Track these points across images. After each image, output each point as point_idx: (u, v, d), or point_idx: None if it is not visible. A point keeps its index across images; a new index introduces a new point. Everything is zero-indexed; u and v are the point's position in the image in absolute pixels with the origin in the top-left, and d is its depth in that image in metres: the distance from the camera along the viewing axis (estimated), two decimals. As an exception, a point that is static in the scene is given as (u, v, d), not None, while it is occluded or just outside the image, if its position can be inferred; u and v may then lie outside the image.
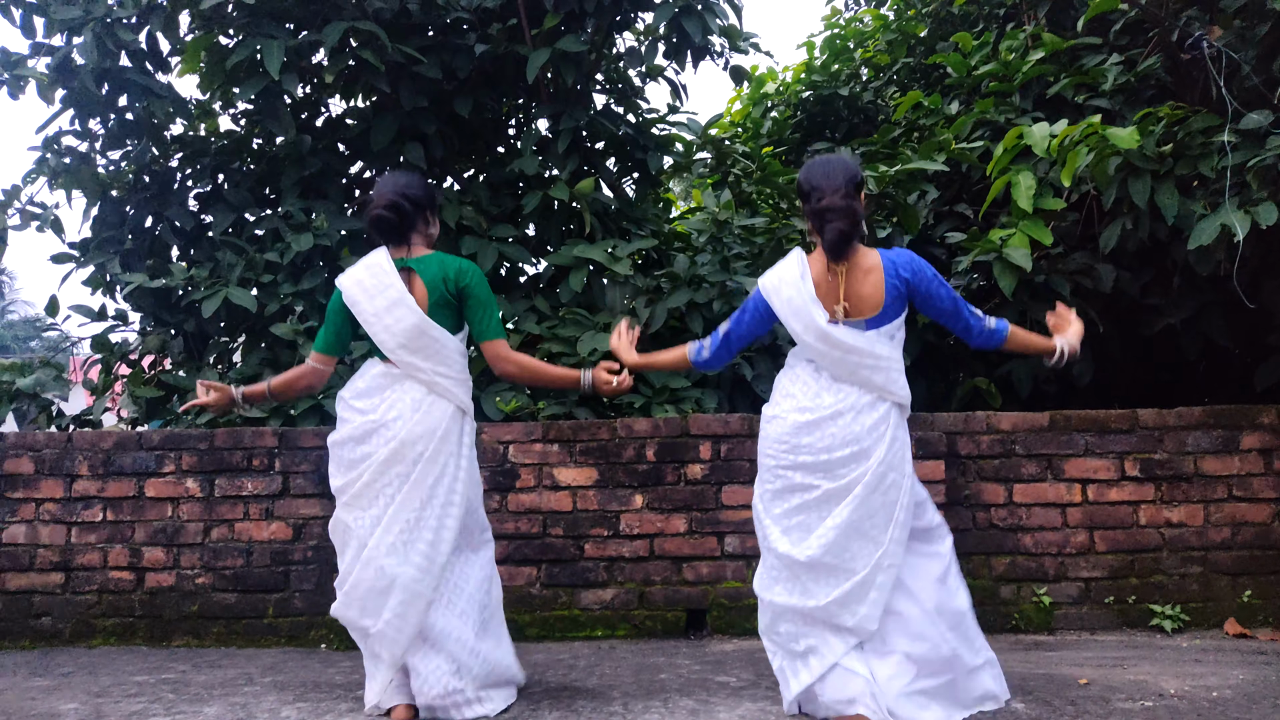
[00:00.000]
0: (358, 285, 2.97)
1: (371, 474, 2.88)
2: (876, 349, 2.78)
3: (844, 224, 2.73)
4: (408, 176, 3.11)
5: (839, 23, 7.50)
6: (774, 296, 2.87)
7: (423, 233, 3.10)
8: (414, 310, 2.92)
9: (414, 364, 2.93)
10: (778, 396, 2.93)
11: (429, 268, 3.00)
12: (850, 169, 2.83)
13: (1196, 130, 4.12)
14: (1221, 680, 3.19)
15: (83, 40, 4.71)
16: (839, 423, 2.77)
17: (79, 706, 3.11)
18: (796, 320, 2.81)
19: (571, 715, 2.91)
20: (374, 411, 2.92)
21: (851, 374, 2.79)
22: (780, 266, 2.91)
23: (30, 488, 4.23)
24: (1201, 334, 4.66)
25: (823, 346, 2.79)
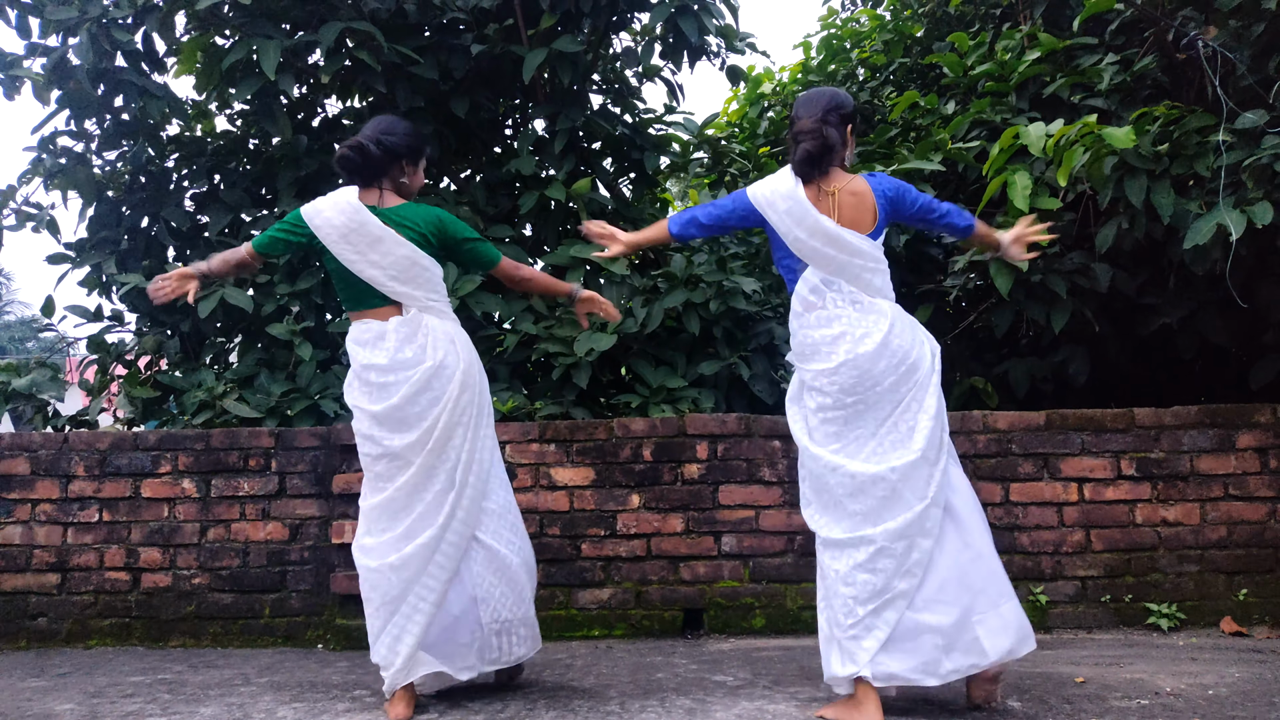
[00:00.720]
0: (329, 224, 2.96)
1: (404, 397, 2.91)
2: (876, 251, 2.87)
3: (810, 144, 2.85)
4: (392, 121, 3.10)
5: (835, 23, 7.50)
6: (769, 210, 2.89)
7: (395, 180, 3.08)
8: (401, 242, 2.94)
9: (409, 293, 2.97)
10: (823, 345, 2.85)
11: (407, 216, 3.01)
12: (834, 98, 2.95)
13: (1192, 130, 4.12)
14: (1217, 678, 3.20)
15: (78, 41, 4.71)
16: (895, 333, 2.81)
17: (75, 707, 3.10)
18: (800, 226, 2.84)
19: (568, 714, 2.91)
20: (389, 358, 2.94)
21: (855, 278, 2.84)
22: (772, 179, 2.94)
23: (26, 488, 4.22)
24: (1197, 333, 4.67)
25: (829, 250, 2.83)
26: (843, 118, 2.92)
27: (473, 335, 3.26)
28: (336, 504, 4.11)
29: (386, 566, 2.91)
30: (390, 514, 2.96)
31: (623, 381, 5.10)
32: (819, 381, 2.85)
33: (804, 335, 2.91)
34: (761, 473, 4.13)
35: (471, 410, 3.00)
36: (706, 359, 4.77)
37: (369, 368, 2.97)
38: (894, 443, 2.77)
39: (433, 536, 2.90)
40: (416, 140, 3.13)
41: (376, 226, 2.94)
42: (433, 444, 2.92)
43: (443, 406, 2.93)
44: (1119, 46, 4.97)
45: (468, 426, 2.98)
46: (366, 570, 2.96)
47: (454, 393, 2.95)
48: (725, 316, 4.80)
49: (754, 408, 4.79)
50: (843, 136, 2.92)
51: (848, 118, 2.94)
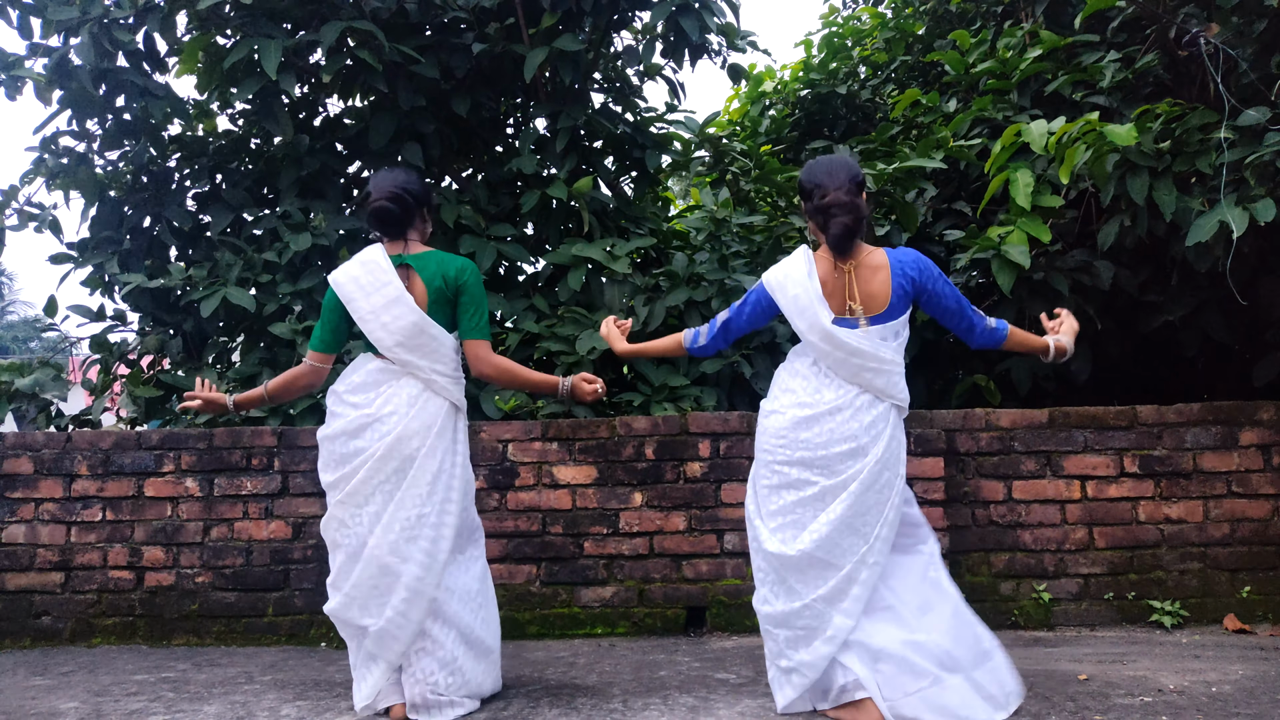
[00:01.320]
0: (353, 282, 2.96)
1: (367, 471, 2.88)
2: (880, 352, 2.79)
3: (848, 219, 2.77)
4: (406, 173, 3.12)
5: (837, 21, 7.50)
6: (779, 293, 2.88)
7: (420, 230, 3.11)
8: (413, 309, 2.92)
9: (411, 361, 2.93)
10: (776, 391, 2.94)
11: (428, 265, 3.00)
12: (853, 167, 2.87)
13: (1194, 127, 4.12)
14: (1220, 676, 3.19)
15: (80, 41, 4.71)
16: (837, 418, 2.79)
17: (79, 705, 3.11)
18: (801, 319, 2.83)
19: (571, 712, 2.91)
20: (369, 406, 2.91)
21: (854, 375, 2.80)
22: (787, 263, 2.92)
23: (30, 487, 4.23)
24: (1200, 330, 4.66)
25: (826, 346, 2.80)
26: (860, 186, 2.86)
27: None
28: (339, 503, 4.11)
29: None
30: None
31: (625, 380, 5.10)
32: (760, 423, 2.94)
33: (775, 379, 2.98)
34: (764, 471, 4.13)
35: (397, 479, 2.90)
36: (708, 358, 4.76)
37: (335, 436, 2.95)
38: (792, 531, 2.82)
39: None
40: (428, 187, 3.18)
41: (396, 288, 2.92)
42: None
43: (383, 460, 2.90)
44: (1121, 44, 4.96)
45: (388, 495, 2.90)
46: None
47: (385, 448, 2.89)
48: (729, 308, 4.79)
49: (756, 406, 4.76)
50: (865, 204, 2.88)
51: (863, 186, 2.90)
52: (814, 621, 2.76)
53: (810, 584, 2.77)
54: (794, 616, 2.79)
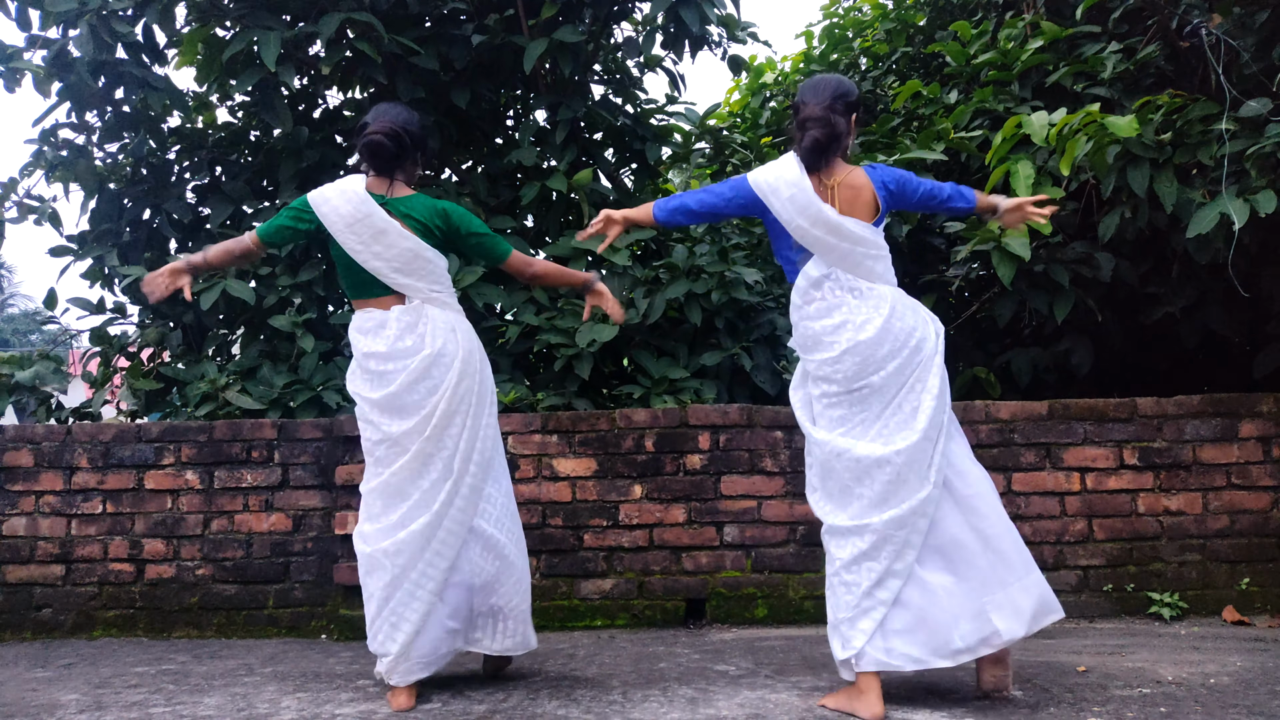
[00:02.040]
0: (335, 211, 2.96)
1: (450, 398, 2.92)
2: (878, 238, 2.85)
3: (819, 132, 2.81)
4: (408, 111, 3.12)
5: (837, 12, 7.47)
6: (772, 196, 2.84)
7: (409, 172, 3.12)
8: (404, 235, 2.95)
9: (410, 284, 2.98)
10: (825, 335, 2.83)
11: (414, 207, 3.02)
12: (839, 85, 2.91)
13: (1195, 118, 4.10)
14: (1219, 667, 3.20)
15: (79, 33, 4.70)
16: (895, 321, 2.79)
17: (80, 697, 3.11)
18: (803, 215, 2.80)
19: (571, 704, 2.92)
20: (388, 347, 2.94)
21: (857, 265, 2.82)
22: (775, 166, 2.90)
23: (30, 480, 4.23)
24: (1200, 322, 4.66)
25: (832, 239, 2.80)
26: (848, 106, 2.88)
27: (475, 326, 3.25)
28: (339, 495, 4.12)
29: (381, 552, 2.92)
30: (386, 499, 2.97)
31: (625, 372, 5.10)
32: (823, 370, 2.84)
33: (805, 326, 2.90)
34: (763, 463, 4.14)
35: (470, 399, 2.99)
36: (708, 350, 4.77)
37: (369, 355, 2.98)
38: (898, 424, 2.76)
39: (427, 524, 2.90)
40: (426, 132, 3.21)
41: (382, 219, 2.95)
42: (430, 431, 2.92)
43: (440, 394, 2.93)
44: (1122, 35, 4.94)
45: (466, 415, 2.97)
46: (363, 556, 2.98)
47: (452, 381, 2.95)
48: (727, 307, 4.79)
49: (756, 398, 4.79)
50: (848, 125, 2.90)
51: (853, 106, 2.91)
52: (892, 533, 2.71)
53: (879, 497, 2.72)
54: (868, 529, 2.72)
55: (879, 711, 2.65)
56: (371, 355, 2.97)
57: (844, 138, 2.87)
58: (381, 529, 2.96)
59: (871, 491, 2.74)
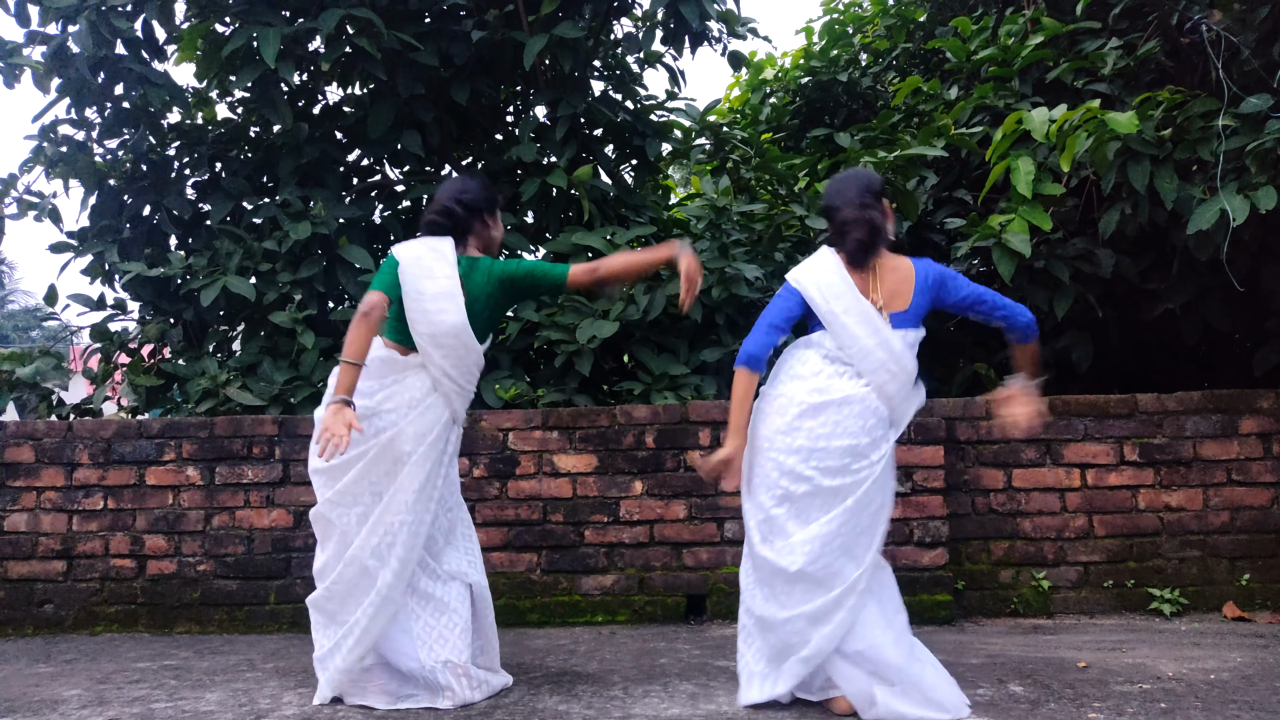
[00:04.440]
0: (417, 262, 2.94)
1: (358, 471, 2.87)
2: (904, 358, 2.79)
3: (861, 233, 2.81)
4: (465, 181, 3.12)
5: (838, 8, 7.46)
6: (810, 286, 2.84)
7: (480, 235, 3.09)
8: (460, 309, 2.90)
9: (431, 357, 2.92)
10: (784, 378, 2.87)
11: (474, 270, 2.98)
12: (865, 180, 2.91)
13: (1196, 114, 4.10)
14: (1219, 663, 3.21)
15: (78, 28, 4.69)
16: (844, 411, 2.74)
17: (82, 693, 3.12)
18: (838, 302, 2.79)
19: (572, 700, 2.92)
20: (370, 397, 2.88)
21: (873, 371, 2.77)
22: (811, 261, 2.91)
23: (31, 476, 4.24)
24: (1201, 319, 4.66)
25: (862, 330, 2.77)
26: (876, 196, 2.88)
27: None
28: (340, 491, 4.12)
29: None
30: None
31: (625, 368, 5.09)
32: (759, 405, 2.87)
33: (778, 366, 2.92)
34: (764, 459, 4.13)
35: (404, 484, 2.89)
36: (709, 346, 4.77)
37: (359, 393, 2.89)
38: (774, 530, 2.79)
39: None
40: (491, 193, 3.14)
41: (453, 281, 2.91)
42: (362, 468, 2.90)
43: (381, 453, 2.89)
44: (1122, 31, 4.94)
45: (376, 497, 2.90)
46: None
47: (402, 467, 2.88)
48: (727, 303, 4.79)
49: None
50: (883, 213, 2.88)
51: (880, 194, 2.90)
52: (793, 638, 2.75)
53: (796, 600, 2.74)
54: (777, 625, 2.77)
55: (846, 707, 2.73)
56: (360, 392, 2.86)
57: (884, 229, 2.86)
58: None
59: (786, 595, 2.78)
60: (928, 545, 4.04)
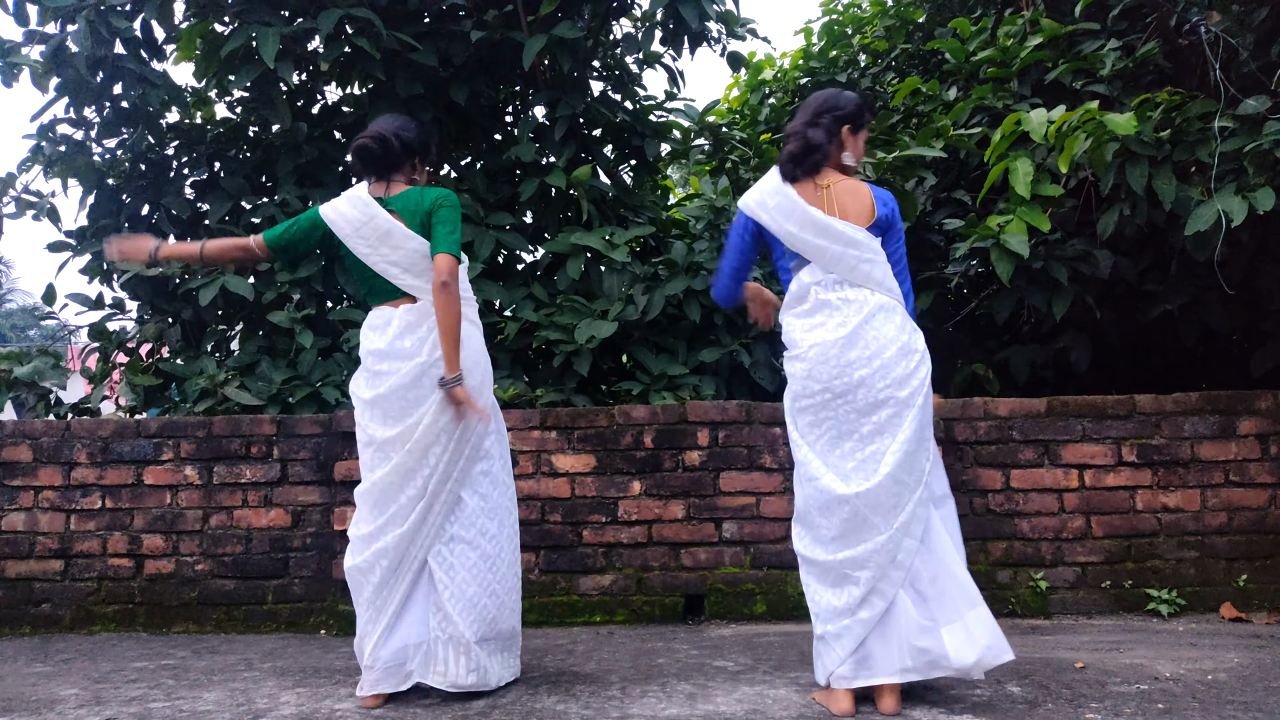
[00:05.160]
0: (342, 218, 2.98)
1: (432, 416, 2.87)
2: (872, 242, 2.80)
3: (793, 145, 2.86)
4: (403, 119, 3.12)
5: (837, 8, 7.46)
6: (760, 210, 2.85)
7: (406, 174, 3.10)
8: (409, 235, 2.93)
9: (420, 286, 2.95)
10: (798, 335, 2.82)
11: (407, 202, 2.99)
12: (830, 99, 2.91)
13: (1194, 116, 4.11)
14: (1217, 663, 3.21)
15: (77, 28, 4.69)
16: (874, 324, 2.74)
17: (79, 692, 3.12)
18: (790, 220, 2.80)
19: (569, 699, 2.92)
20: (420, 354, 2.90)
21: (851, 270, 2.77)
22: (759, 184, 2.92)
23: (29, 475, 4.23)
24: (1199, 320, 4.66)
25: (822, 240, 2.77)
26: (837, 119, 2.87)
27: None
28: (338, 491, 4.12)
29: (356, 569, 2.95)
30: (368, 506, 2.97)
31: (624, 369, 5.10)
32: (792, 368, 2.84)
33: (787, 324, 2.90)
34: (762, 459, 4.14)
35: (458, 422, 2.91)
36: (707, 346, 4.77)
37: (370, 353, 2.98)
38: (861, 463, 2.72)
39: (396, 542, 2.89)
40: (428, 137, 3.16)
41: (385, 219, 2.95)
42: (413, 445, 2.88)
43: (426, 408, 2.89)
44: (1121, 32, 4.94)
45: (450, 438, 2.90)
46: (349, 568, 2.99)
47: (438, 397, 2.89)
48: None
49: (755, 395, 4.79)
50: (832, 136, 2.87)
51: (843, 118, 2.88)
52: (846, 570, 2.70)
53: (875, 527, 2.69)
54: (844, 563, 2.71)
55: (846, 708, 2.69)
56: (372, 353, 2.97)
57: (823, 147, 2.85)
58: (359, 539, 2.97)
59: (830, 526, 2.75)
60: (926, 546, 4.04)
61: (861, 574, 2.70)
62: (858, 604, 2.70)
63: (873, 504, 2.69)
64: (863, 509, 2.70)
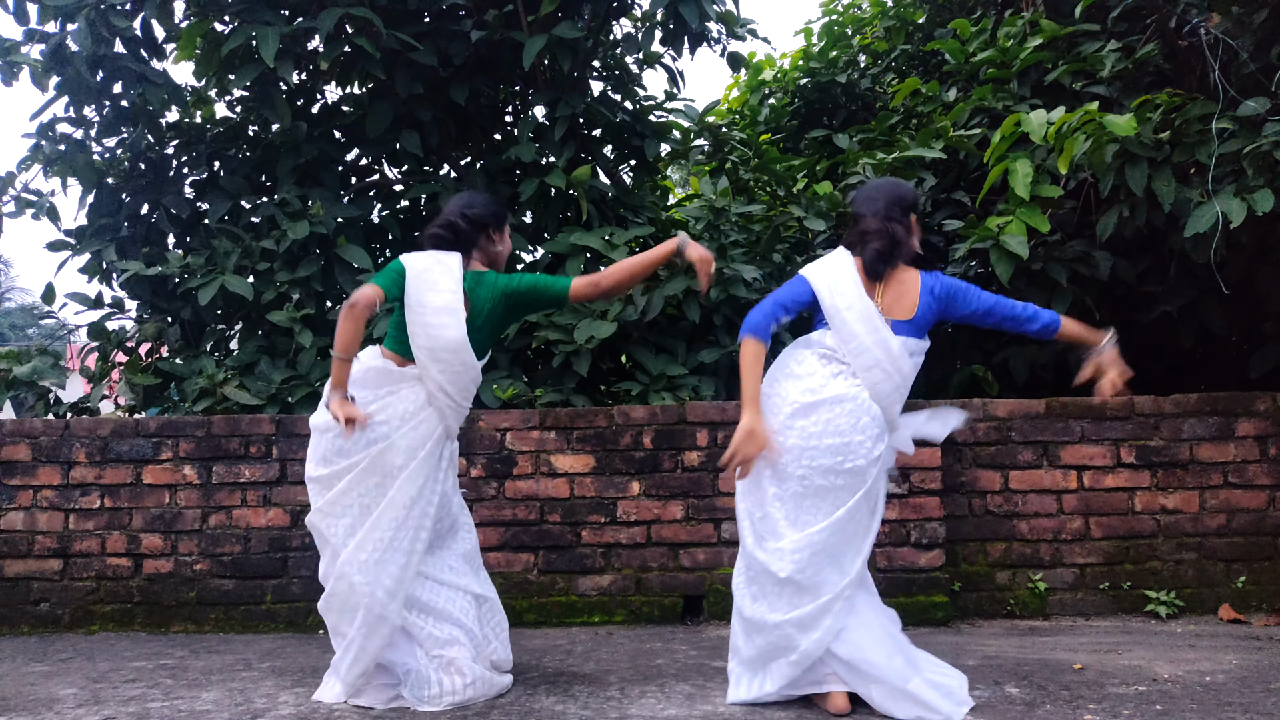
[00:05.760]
0: (424, 274, 2.92)
1: (348, 483, 2.86)
2: (903, 364, 2.80)
3: (880, 244, 2.83)
4: (473, 195, 3.12)
5: (837, 9, 7.47)
6: (819, 281, 2.86)
7: (485, 250, 3.07)
8: (460, 325, 2.88)
9: (428, 370, 2.90)
10: (779, 376, 2.88)
11: (479, 285, 2.96)
12: (893, 191, 2.91)
13: (1194, 117, 4.11)
14: (1215, 665, 3.21)
15: (77, 27, 4.69)
16: (836, 410, 2.75)
17: (77, 691, 3.12)
18: (843, 299, 2.81)
19: (568, 700, 2.92)
20: (364, 407, 2.86)
21: (867, 370, 2.78)
22: (828, 259, 2.93)
23: (28, 475, 4.23)
24: (1198, 321, 4.66)
25: (861, 328, 2.78)
26: (904, 210, 2.88)
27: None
28: (337, 491, 4.12)
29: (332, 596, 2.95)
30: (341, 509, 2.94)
31: (623, 369, 5.09)
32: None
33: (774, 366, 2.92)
34: (761, 460, 4.14)
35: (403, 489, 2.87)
36: (706, 347, 4.77)
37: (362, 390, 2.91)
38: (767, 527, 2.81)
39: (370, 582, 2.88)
40: (499, 207, 3.13)
41: (456, 297, 2.88)
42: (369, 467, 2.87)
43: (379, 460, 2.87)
44: (1121, 33, 4.95)
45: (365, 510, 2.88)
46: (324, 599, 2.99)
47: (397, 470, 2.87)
48: (725, 304, 4.79)
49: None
50: (907, 228, 2.88)
51: (909, 208, 2.90)
52: (781, 642, 2.75)
53: (784, 605, 2.75)
54: (766, 629, 2.77)
55: (842, 706, 2.73)
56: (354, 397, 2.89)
57: (904, 243, 2.86)
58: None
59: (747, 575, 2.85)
60: (924, 547, 4.05)
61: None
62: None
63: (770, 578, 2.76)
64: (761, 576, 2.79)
